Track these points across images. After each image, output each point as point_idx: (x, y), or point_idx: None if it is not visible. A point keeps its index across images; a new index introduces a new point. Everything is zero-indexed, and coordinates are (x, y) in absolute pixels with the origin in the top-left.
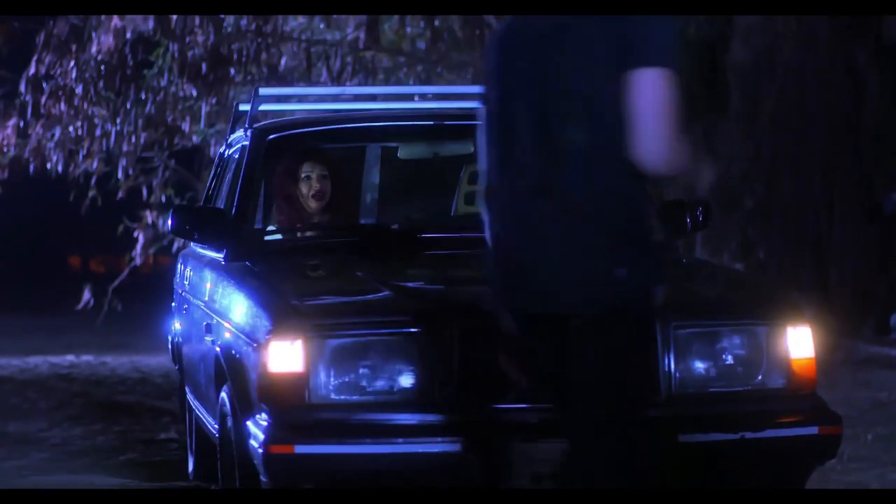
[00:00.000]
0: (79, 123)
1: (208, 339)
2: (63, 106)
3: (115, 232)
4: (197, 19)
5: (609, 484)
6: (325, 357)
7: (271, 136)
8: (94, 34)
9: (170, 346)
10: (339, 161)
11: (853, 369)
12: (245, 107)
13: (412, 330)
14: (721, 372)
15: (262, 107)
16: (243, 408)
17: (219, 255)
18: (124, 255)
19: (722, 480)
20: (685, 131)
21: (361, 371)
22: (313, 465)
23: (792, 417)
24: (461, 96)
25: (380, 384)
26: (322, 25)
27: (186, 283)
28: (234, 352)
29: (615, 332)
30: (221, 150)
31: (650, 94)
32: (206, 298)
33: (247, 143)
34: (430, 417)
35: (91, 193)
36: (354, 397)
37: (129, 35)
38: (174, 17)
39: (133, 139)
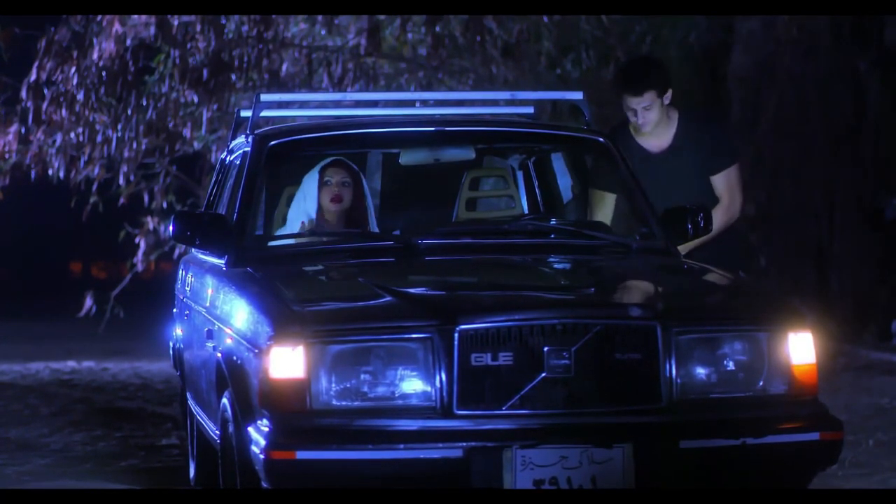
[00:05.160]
0: (80, 130)
1: (210, 344)
2: (64, 112)
3: (117, 238)
4: (198, 25)
5: None
6: (327, 363)
7: (273, 143)
8: (95, 40)
9: (171, 352)
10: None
11: (854, 375)
12: (246, 113)
13: (413, 336)
14: (722, 378)
15: (264, 113)
16: (245, 414)
17: (220, 261)
18: (126, 261)
19: (723, 486)
20: None
21: (363, 377)
22: (315, 470)
23: (793, 423)
24: (462, 102)
25: (381, 390)
26: (323, 31)
27: (188, 289)
28: (235, 358)
29: None
30: (223, 156)
31: None
32: (208, 304)
33: (248, 149)
34: (432, 423)
35: (92, 199)
36: (356, 403)
37: (129, 41)
38: (175, 22)
39: (134, 145)
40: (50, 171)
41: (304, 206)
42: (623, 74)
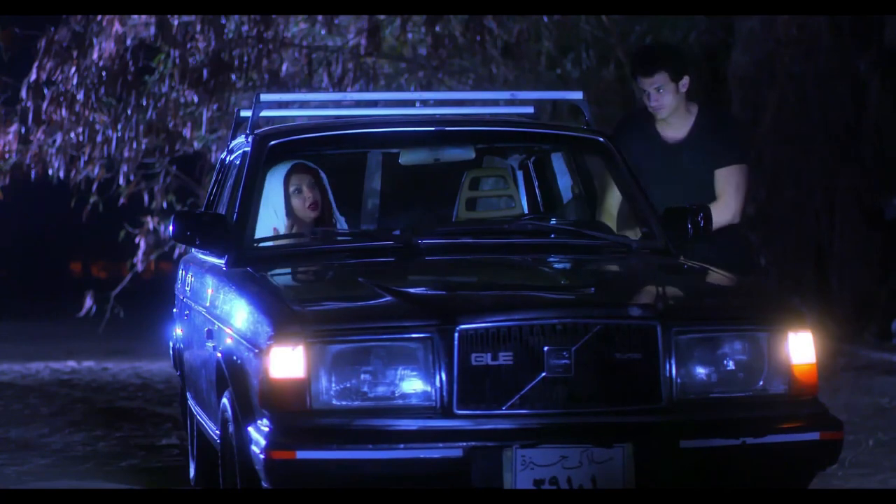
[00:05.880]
0: (80, 129)
1: (210, 344)
2: (64, 112)
3: (117, 238)
4: (198, 25)
5: None
6: (327, 362)
7: (272, 143)
8: (95, 40)
9: (171, 352)
10: (320, 167)
11: (854, 375)
12: (246, 113)
13: (413, 335)
14: (722, 377)
15: (264, 113)
16: (245, 413)
17: (220, 261)
18: (126, 261)
19: (723, 486)
20: None
21: (363, 377)
22: (315, 470)
23: (793, 423)
24: (462, 102)
25: (381, 390)
26: (323, 31)
27: (188, 288)
28: (235, 357)
29: None
30: (223, 156)
31: None
32: (208, 304)
33: (248, 149)
34: (432, 423)
35: (92, 199)
36: (356, 403)
37: (129, 41)
38: (175, 22)
39: (134, 145)
40: (50, 171)
41: (273, 213)
42: (636, 56)
